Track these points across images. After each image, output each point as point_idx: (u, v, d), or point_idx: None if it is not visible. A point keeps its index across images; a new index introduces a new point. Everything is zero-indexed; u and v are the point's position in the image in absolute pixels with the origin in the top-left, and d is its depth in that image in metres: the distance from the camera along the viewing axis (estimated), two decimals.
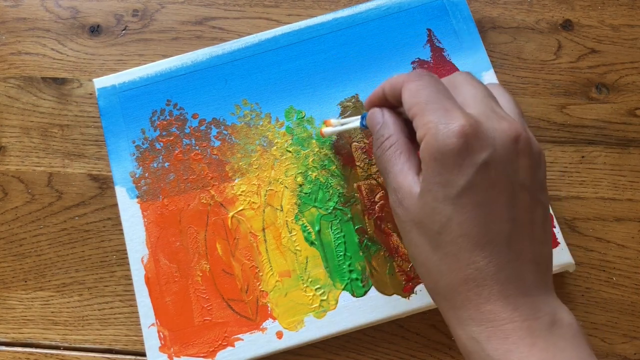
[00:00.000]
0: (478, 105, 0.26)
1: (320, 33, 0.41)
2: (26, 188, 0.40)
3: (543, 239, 0.26)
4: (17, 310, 0.38)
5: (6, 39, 0.44)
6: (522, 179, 0.26)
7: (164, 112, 0.40)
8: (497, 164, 0.25)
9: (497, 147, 0.25)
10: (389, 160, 0.28)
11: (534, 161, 0.26)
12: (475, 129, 0.25)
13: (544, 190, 0.27)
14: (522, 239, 0.26)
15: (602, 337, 0.36)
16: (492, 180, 0.25)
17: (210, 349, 0.35)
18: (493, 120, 0.26)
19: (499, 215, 0.25)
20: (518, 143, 0.26)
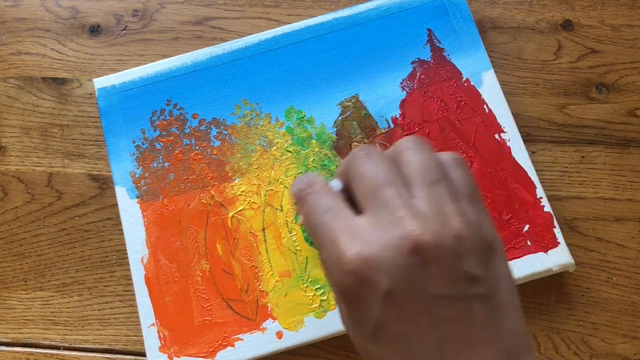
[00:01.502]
0: (373, 206, 0.23)
1: (320, 33, 0.41)
2: (26, 188, 0.40)
3: (494, 333, 0.22)
4: (17, 310, 0.38)
5: (6, 39, 0.44)
6: (438, 290, 0.21)
7: (164, 112, 0.40)
8: (400, 289, 0.21)
9: (395, 270, 0.21)
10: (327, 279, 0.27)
11: (449, 257, 0.22)
12: (364, 260, 0.21)
13: (480, 279, 0.22)
14: (461, 354, 0.22)
15: (602, 337, 0.36)
16: (402, 309, 0.22)
17: (210, 349, 0.35)
18: (385, 232, 0.22)
19: (424, 341, 0.22)
20: (418, 253, 0.21)
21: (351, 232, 0.23)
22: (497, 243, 0.23)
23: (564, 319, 0.36)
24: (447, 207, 0.23)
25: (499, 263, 0.23)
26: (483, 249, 0.23)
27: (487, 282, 0.22)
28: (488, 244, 0.23)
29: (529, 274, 0.35)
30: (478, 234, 0.23)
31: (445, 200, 0.23)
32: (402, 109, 0.39)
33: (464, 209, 0.23)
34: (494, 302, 0.22)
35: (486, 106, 0.39)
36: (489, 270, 0.23)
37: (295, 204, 0.26)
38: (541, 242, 0.36)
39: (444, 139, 0.38)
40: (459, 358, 0.22)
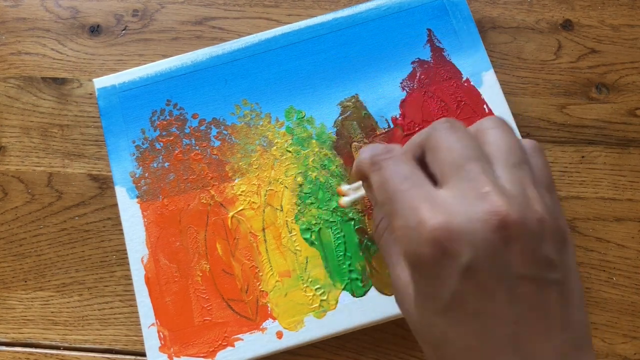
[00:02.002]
0: (456, 179, 0.23)
1: (320, 33, 0.41)
2: (26, 188, 0.40)
3: (564, 321, 0.22)
4: (17, 310, 0.38)
5: (6, 39, 0.44)
6: (519, 269, 0.21)
7: (164, 112, 0.40)
8: (482, 264, 0.21)
9: (479, 244, 0.21)
10: (383, 249, 0.26)
11: (532, 238, 0.22)
12: (447, 231, 0.21)
13: (556, 264, 0.22)
14: (534, 335, 0.22)
15: (602, 337, 0.36)
16: (481, 284, 0.21)
17: (210, 349, 0.35)
18: (470, 205, 0.22)
19: (500, 319, 0.22)
20: (505, 229, 0.21)
21: (433, 201, 0.22)
22: (568, 234, 0.24)
23: None
24: (530, 190, 0.23)
25: (571, 253, 0.23)
26: (559, 237, 0.23)
27: (562, 270, 0.22)
28: (563, 233, 0.23)
29: None
30: (556, 222, 0.23)
31: (527, 183, 0.23)
32: (402, 109, 0.39)
33: (544, 195, 0.23)
34: (566, 291, 0.22)
35: (486, 106, 0.39)
36: (563, 258, 0.23)
37: (366, 168, 0.25)
38: None
39: None
40: (531, 341, 0.22)
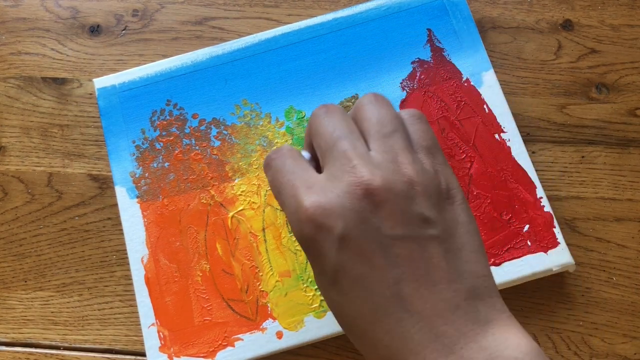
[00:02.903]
0: (330, 159, 0.24)
1: (320, 33, 0.41)
2: (26, 188, 0.40)
3: (452, 273, 0.23)
4: (17, 310, 0.38)
5: (6, 39, 0.44)
6: (391, 231, 0.23)
7: (164, 112, 0.40)
8: (354, 231, 0.22)
9: (347, 214, 0.22)
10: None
11: (400, 200, 0.23)
12: (320, 208, 0.23)
13: (431, 220, 0.23)
14: (420, 291, 0.22)
15: (602, 337, 0.36)
16: (357, 251, 0.23)
17: (210, 349, 0.35)
18: (339, 181, 0.23)
19: (381, 282, 0.22)
20: (369, 196, 0.23)
21: (309, 185, 0.24)
22: (455, 191, 0.25)
23: (564, 319, 0.36)
24: (401, 156, 0.24)
25: (458, 209, 0.24)
26: (436, 194, 0.24)
27: (441, 225, 0.23)
28: (443, 190, 0.24)
29: (529, 274, 0.35)
30: (432, 181, 0.24)
31: (398, 150, 0.24)
32: (402, 108, 0.39)
33: (420, 159, 0.25)
34: (450, 244, 0.23)
35: (486, 106, 0.39)
36: (443, 214, 0.24)
37: (265, 172, 0.27)
38: (541, 242, 0.36)
39: (444, 139, 0.38)
40: (417, 297, 0.22)
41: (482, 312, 0.23)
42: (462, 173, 0.37)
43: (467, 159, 0.38)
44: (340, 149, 0.24)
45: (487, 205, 0.37)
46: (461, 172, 0.38)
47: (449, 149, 0.38)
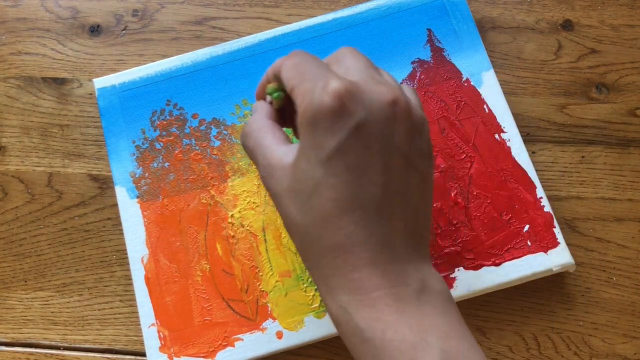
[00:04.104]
0: (358, 73, 0.26)
1: (320, 33, 0.41)
2: (26, 188, 0.40)
3: (418, 206, 0.26)
4: (17, 310, 0.38)
5: (6, 39, 0.44)
6: (398, 143, 0.25)
7: (164, 112, 0.40)
8: (371, 126, 0.24)
9: (373, 109, 0.24)
10: (255, 141, 0.28)
11: (414, 127, 0.25)
12: (350, 91, 0.24)
13: (424, 159, 0.26)
14: (394, 205, 0.25)
15: (602, 337, 0.36)
16: (365, 143, 0.24)
17: (210, 349, 0.35)
18: (371, 84, 0.25)
19: (371, 180, 0.24)
20: (396, 107, 0.25)
21: (339, 75, 0.25)
22: (432, 158, 0.28)
23: (564, 319, 0.36)
24: (407, 91, 0.28)
25: (432, 173, 0.28)
26: (429, 144, 0.27)
27: (425, 170, 0.26)
28: (431, 149, 0.27)
29: (529, 274, 0.35)
30: (428, 135, 0.27)
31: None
32: None
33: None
34: (424, 184, 0.27)
35: (486, 106, 0.39)
36: (428, 160, 0.27)
37: (280, 62, 0.28)
38: (541, 242, 0.36)
39: (444, 139, 0.38)
40: (391, 209, 0.25)
41: (422, 250, 0.26)
42: (462, 173, 0.37)
43: (467, 159, 0.38)
44: (370, 71, 0.26)
45: (487, 205, 0.37)
46: (461, 172, 0.38)
47: (449, 149, 0.38)
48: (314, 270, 0.26)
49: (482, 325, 0.36)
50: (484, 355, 0.25)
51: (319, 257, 0.26)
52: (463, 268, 0.36)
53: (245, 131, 0.29)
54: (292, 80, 0.26)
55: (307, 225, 0.25)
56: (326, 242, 0.25)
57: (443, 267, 0.36)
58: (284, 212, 0.27)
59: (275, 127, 0.28)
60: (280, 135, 0.28)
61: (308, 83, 0.25)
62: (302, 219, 0.26)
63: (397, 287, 0.24)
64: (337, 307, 0.25)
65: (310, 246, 0.26)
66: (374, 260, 0.24)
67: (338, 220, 0.24)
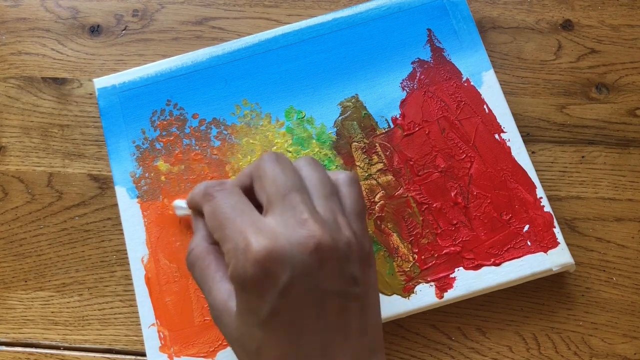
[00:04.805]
0: (278, 206, 0.26)
1: (320, 33, 0.41)
2: (26, 188, 0.40)
3: (362, 328, 0.26)
4: (17, 310, 0.38)
5: (6, 39, 0.44)
6: (328, 286, 0.25)
7: (164, 112, 0.40)
8: (299, 283, 0.24)
9: (297, 266, 0.24)
10: (200, 275, 0.28)
11: (341, 259, 0.25)
12: (271, 254, 0.24)
13: (358, 282, 0.26)
14: (338, 342, 0.25)
15: (602, 337, 0.36)
16: (296, 301, 0.24)
17: (210, 349, 0.35)
18: (291, 230, 0.25)
19: (310, 330, 0.25)
20: (319, 252, 0.24)
21: (259, 227, 0.25)
22: (372, 256, 0.28)
23: (564, 319, 0.36)
24: (339, 217, 0.26)
25: (372, 271, 0.28)
26: (364, 258, 0.26)
27: (363, 285, 0.26)
28: (366, 255, 0.27)
29: (529, 274, 0.35)
30: (361, 245, 0.26)
31: (337, 211, 0.27)
32: (402, 109, 0.39)
33: (351, 222, 0.27)
34: (364, 302, 0.26)
35: (486, 106, 0.39)
36: (364, 275, 0.26)
37: (199, 199, 0.28)
38: (541, 242, 0.36)
39: (444, 139, 0.38)
40: (334, 347, 0.25)
41: (375, 357, 0.27)
42: (462, 173, 0.38)
43: (467, 159, 0.38)
44: (293, 200, 0.26)
45: (487, 205, 0.37)
46: (461, 172, 0.38)
47: (449, 149, 0.38)
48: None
49: (482, 325, 0.36)
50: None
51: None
52: (463, 268, 0.36)
53: (188, 259, 0.29)
54: (214, 232, 0.27)
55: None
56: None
57: (443, 267, 0.36)
58: (237, 356, 0.27)
59: (216, 256, 0.28)
60: (223, 268, 0.28)
61: (229, 244, 0.25)
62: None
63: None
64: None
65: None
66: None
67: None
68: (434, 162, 0.38)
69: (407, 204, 0.37)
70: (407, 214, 0.37)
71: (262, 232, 0.25)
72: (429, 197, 0.37)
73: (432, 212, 0.37)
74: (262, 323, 0.25)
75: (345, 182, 0.28)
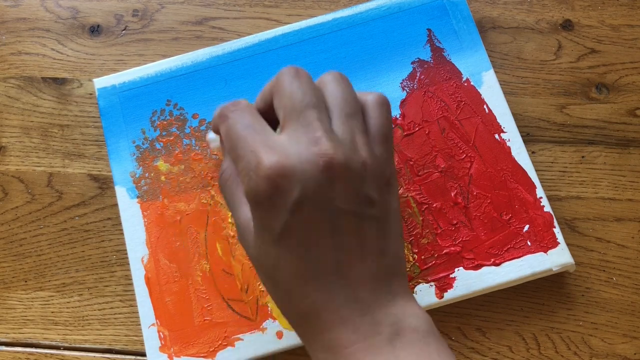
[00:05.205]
0: (293, 122, 0.25)
1: (320, 33, 0.41)
2: (26, 188, 0.40)
3: (379, 250, 0.26)
4: (17, 310, 0.38)
5: (6, 39, 0.44)
6: (341, 204, 0.25)
7: (164, 112, 0.40)
8: (310, 199, 0.24)
9: (308, 182, 0.24)
10: (227, 193, 0.28)
11: (355, 180, 0.25)
12: (282, 169, 0.24)
13: (376, 203, 0.26)
14: (353, 261, 0.25)
15: (602, 337, 0.36)
16: (308, 217, 0.24)
17: (210, 349, 0.35)
18: (302, 149, 0.24)
19: (323, 247, 0.25)
20: (330, 170, 0.24)
21: (271, 145, 0.25)
22: (393, 179, 0.27)
23: (564, 319, 0.36)
24: (358, 138, 0.26)
25: (392, 196, 0.27)
26: (381, 180, 0.26)
27: (380, 208, 0.26)
28: (386, 177, 0.27)
29: (529, 274, 0.35)
30: (380, 167, 0.26)
31: (357, 131, 0.26)
32: (402, 109, 0.39)
33: (373, 144, 0.26)
34: (383, 225, 0.26)
35: (486, 106, 0.39)
36: (383, 198, 0.26)
37: (217, 121, 0.28)
38: (541, 242, 0.36)
39: (444, 139, 0.38)
40: (349, 264, 0.25)
41: (394, 287, 0.26)
42: (462, 173, 0.37)
43: (467, 159, 0.38)
44: (308, 117, 0.25)
45: (487, 205, 0.37)
46: (461, 172, 0.38)
47: (449, 149, 0.38)
48: (294, 327, 0.28)
49: (482, 325, 0.36)
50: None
51: (292, 321, 0.27)
52: (463, 268, 0.36)
53: (219, 182, 0.29)
54: (230, 153, 0.26)
55: (276, 294, 0.27)
56: (295, 310, 0.26)
57: (443, 267, 0.36)
58: (260, 278, 0.28)
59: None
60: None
61: (242, 162, 0.25)
62: (271, 289, 0.27)
63: (369, 338, 0.25)
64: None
65: (283, 311, 0.27)
66: (342, 320, 0.25)
67: (301, 290, 0.25)
68: (434, 162, 0.38)
69: (407, 204, 0.37)
70: (407, 214, 0.37)
71: (273, 149, 0.24)
72: (429, 197, 0.37)
73: (432, 212, 0.37)
74: (276, 240, 0.25)
75: (374, 103, 0.27)
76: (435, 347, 0.25)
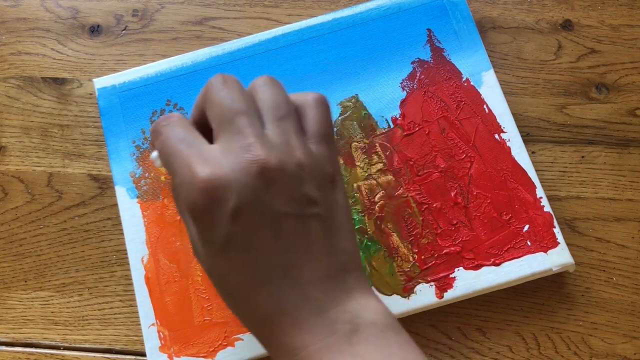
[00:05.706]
0: (226, 133, 0.25)
1: (320, 33, 0.41)
2: (26, 188, 0.40)
3: (328, 248, 0.26)
4: (17, 310, 0.38)
5: (6, 39, 0.44)
6: (280, 207, 0.25)
7: (164, 112, 0.40)
8: (247, 206, 0.24)
9: (243, 190, 0.24)
10: (179, 211, 0.28)
11: (291, 180, 0.25)
12: (215, 181, 0.24)
13: (315, 202, 0.26)
14: (301, 262, 0.25)
15: (602, 337, 0.36)
16: (248, 224, 0.24)
17: (210, 349, 0.35)
18: (236, 156, 0.25)
19: (269, 252, 0.25)
20: (265, 175, 0.24)
21: (205, 157, 0.25)
22: (337, 177, 0.27)
23: (564, 319, 0.36)
24: (293, 139, 0.26)
25: (338, 193, 0.27)
26: (321, 178, 0.26)
27: (324, 206, 0.26)
28: (327, 175, 0.26)
29: (529, 274, 0.35)
30: (319, 165, 0.26)
31: (291, 133, 0.26)
32: (402, 109, 0.39)
33: (309, 144, 0.27)
34: (329, 223, 0.26)
35: (486, 106, 0.39)
36: (326, 196, 0.26)
37: (152, 138, 0.28)
38: (541, 242, 0.36)
39: (444, 139, 0.38)
40: (297, 267, 0.25)
41: (349, 282, 0.26)
42: (462, 173, 0.37)
43: (467, 159, 0.38)
44: (238, 125, 0.25)
45: (487, 205, 0.37)
46: (461, 172, 0.38)
47: (449, 149, 0.38)
48: (253, 334, 0.27)
49: (482, 325, 0.36)
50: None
51: (250, 328, 0.27)
52: (463, 268, 0.36)
53: (173, 199, 0.29)
54: (166, 167, 0.27)
55: (230, 303, 0.27)
56: (251, 318, 0.26)
57: (443, 267, 0.36)
58: (214, 286, 0.28)
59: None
60: None
61: (178, 178, 0.25)
62: (225, 299, 0.27)
63: (326, 338, 0.25)
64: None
65: (240, 319, 0.27)
66: (297, 322, 0.25)
67: (253, 297, 0.25)
68: (433, 162, 0.38)
69: (407, 204, 0.37)
70: (407, 214, 0.37)
71: (207, 161, 0.25)
72: (429, 197, 0.37)
73: (432, 212, 0.37)
74: (221, 251, 0.25)
75: (312, 104, 0.28)
76: (395, 340, 0.25)
